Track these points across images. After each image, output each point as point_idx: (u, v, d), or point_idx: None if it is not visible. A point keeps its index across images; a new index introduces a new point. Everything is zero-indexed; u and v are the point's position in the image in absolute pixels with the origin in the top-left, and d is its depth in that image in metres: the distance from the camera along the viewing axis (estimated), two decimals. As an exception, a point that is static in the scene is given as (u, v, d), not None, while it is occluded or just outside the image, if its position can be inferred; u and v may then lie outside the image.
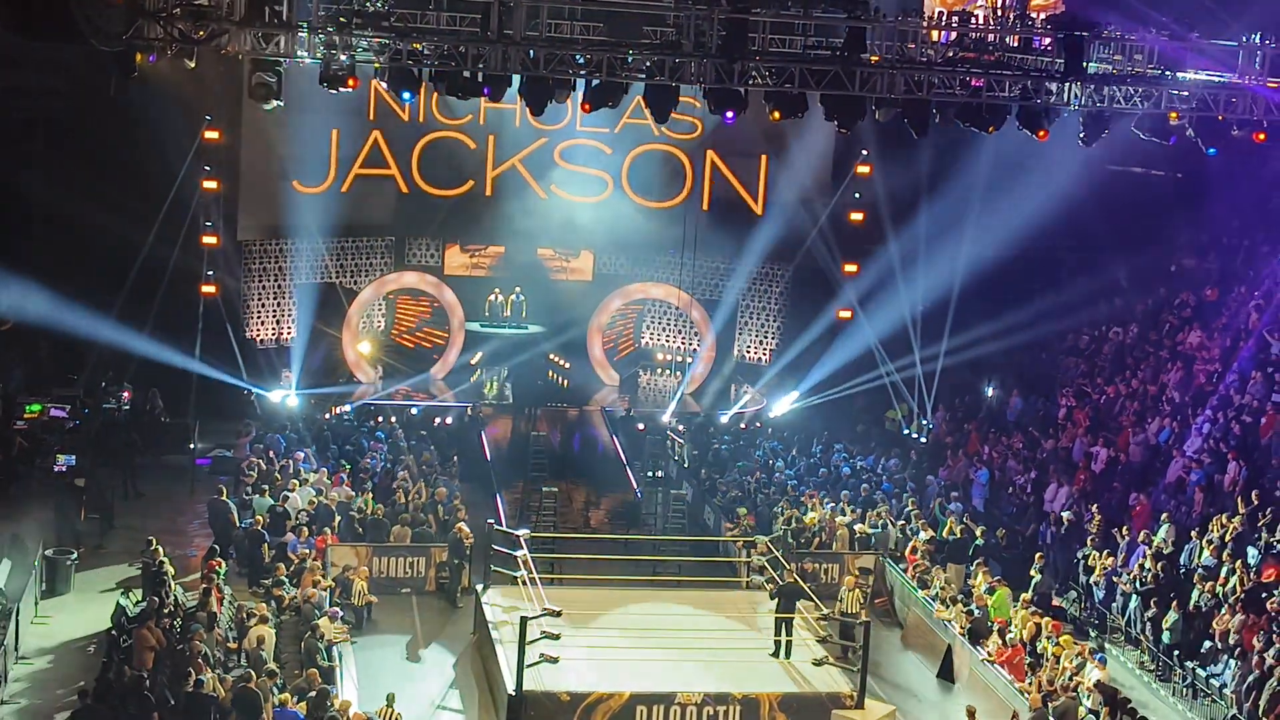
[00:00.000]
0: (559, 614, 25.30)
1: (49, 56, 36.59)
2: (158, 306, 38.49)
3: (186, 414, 38.64)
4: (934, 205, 41.24)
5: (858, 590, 28.23)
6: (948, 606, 29.26)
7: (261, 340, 42.89)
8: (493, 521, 31.34)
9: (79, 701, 23.01)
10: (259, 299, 43.29)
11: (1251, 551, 28.56)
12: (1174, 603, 28.26)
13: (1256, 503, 29.70)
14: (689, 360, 45.84)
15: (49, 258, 38.31)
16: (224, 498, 32.00)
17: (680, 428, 40.64)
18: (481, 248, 46.39)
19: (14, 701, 24.92)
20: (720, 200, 45.15)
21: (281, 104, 28.30)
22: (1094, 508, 32.50)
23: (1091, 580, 30.75)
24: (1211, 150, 30.41)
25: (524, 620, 24.52)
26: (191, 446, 37.55)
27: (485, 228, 45.33)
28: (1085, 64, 28.54)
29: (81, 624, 27.99)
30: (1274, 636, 25.70)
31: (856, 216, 42.93)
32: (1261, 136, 29.82)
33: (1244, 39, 29.02)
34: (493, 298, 46.16)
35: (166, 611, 26.07)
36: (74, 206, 37.41)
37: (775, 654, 26.64)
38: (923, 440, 40.43)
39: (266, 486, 32.68)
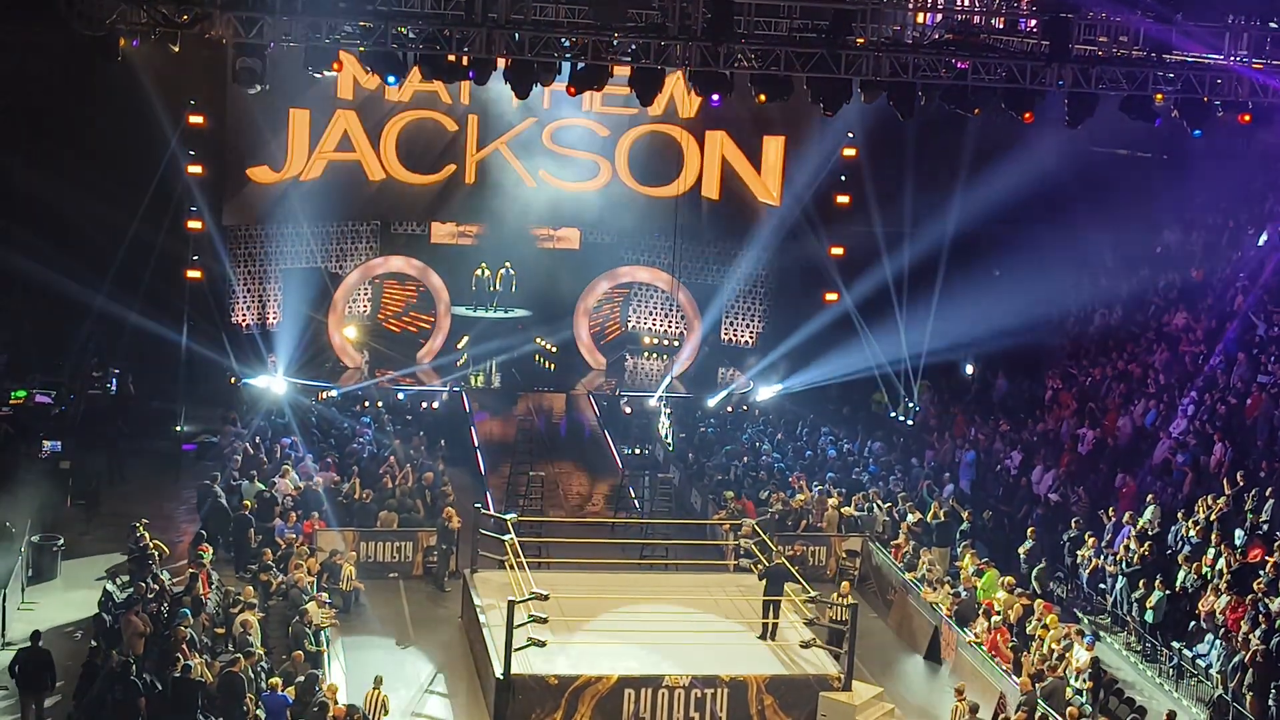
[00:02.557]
0: (546, 598, 25.31)
1: (31, 41, 36.43)
2: (144, 291, 38.41)
3: (173, 399, 38.57)
4: (918, 188, 41.26)
5: (850, 596, 27.90)
6: (935, 588, 29.33)
7: (247, 326, 42.81)
8: (480, 506, 31.33)
9: (29, 641, 23.55)
10: (244, 284, 43.20)
11: (1237, 532, 28.63)
12: (1159, 583, 28.34)
13: (1242, 484, 29.77)
14: (676, 344, 45.84)
15: (33, 243, 38.19)
16: (214, 484, 31.94)
17: (667, 410, 40.66)
18: None
19: (4, 687, 24.86)
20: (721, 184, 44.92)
21: (266, 88, 28.24)
22: (1080, 489, 32.56)
23: (1078, 561, 30.83)
24: (1197, 132, 30.41)
25: (512, 604, 24.52)
26: (178, 429, 37.46)
27: (468, 217, 45.21)
28: (1070, 46, 28.55)
29: (68, 610, 27.94)
30: (1260, 617, 25.77)
31: (842, 199, 42.90)
32: (1246, 118, 29.82)
33: (1229, 20, 29.03)
34: (479, 272, 46.07)
35: (152, 597, 26.06)
36: (58, 192, 37.31)
37: (763, 636, 26.68)
38: (909, 423, 40.48)
39: (255, 472, 32.65)
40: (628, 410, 40.93)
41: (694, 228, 44.20)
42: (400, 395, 40.80)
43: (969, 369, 41.44)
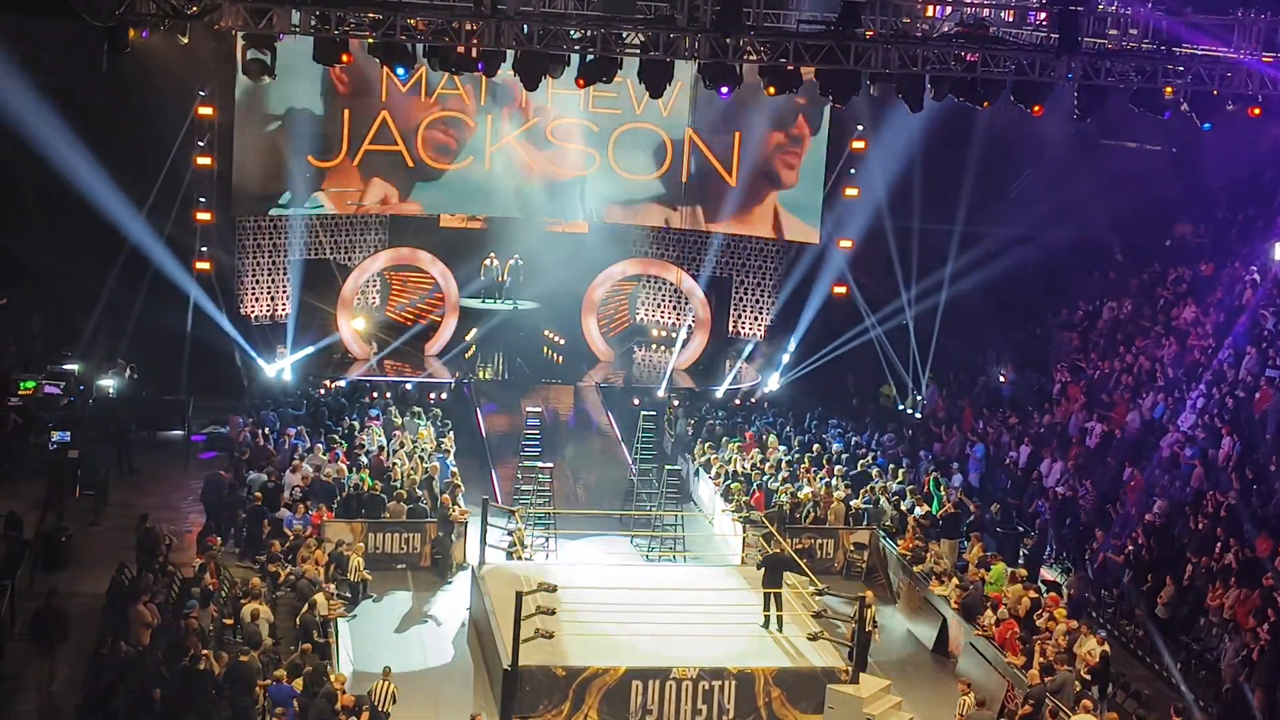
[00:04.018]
0: (554, 589, 25.33)
1: (41, 32, 36.49)
2: (152, 283, 38.46)
3: (181, 391, 38.65)
4: (928, 180, 41.28)
5: (874, 608, 27.10)
6: (943, 582, 29.32)
7: (256, 317, 42.83)
8: (488, 497, 31.34)
9: (46, 600, 24.47)
10: (253, 275, 43.20)
11: (1245, 526, 28.61)
12: (1168, 577, 28.33)
13: (1250, 477, 29.75)
14: (677, 335, 45.84)
15: (42, 234, 38.26)
16: (223, 473, 32.00)
17: (675, 402, 40.67)
18: None
19: (11, 677, 24.94)
20: (703, 173, 45.20)
21: (275, 79, 28.31)
22: (1088, 483, 32.56)
23: (1085, 555, 30.84)
24: (1206, 125, 30.42)
25: (519, 595, 24.53)
26: (181, 432, 37.50)
27: (482, 200, 45.44)
28: (1080, 39, 28.52)
29: (76, 600, 27.95)
30: (1268, 611, 25.76)
31: (851, 192, 42.88)
32: (1256, 111, 29.84)
33: (1239, 13, 29.00)
34: (488, 262, 46.09)
35: (161, 587, 26.12)
36: (67, 183, 37.36)
37: (765, 625, 26.68)
38: (917, 416, 40.49)
39: (264, 463, 32.72)
40: (635, 401, 40.92)
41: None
42: (408, 386, 40.81)
43: (1001, 377, 41.01)
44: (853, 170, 42.87)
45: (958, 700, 24.79)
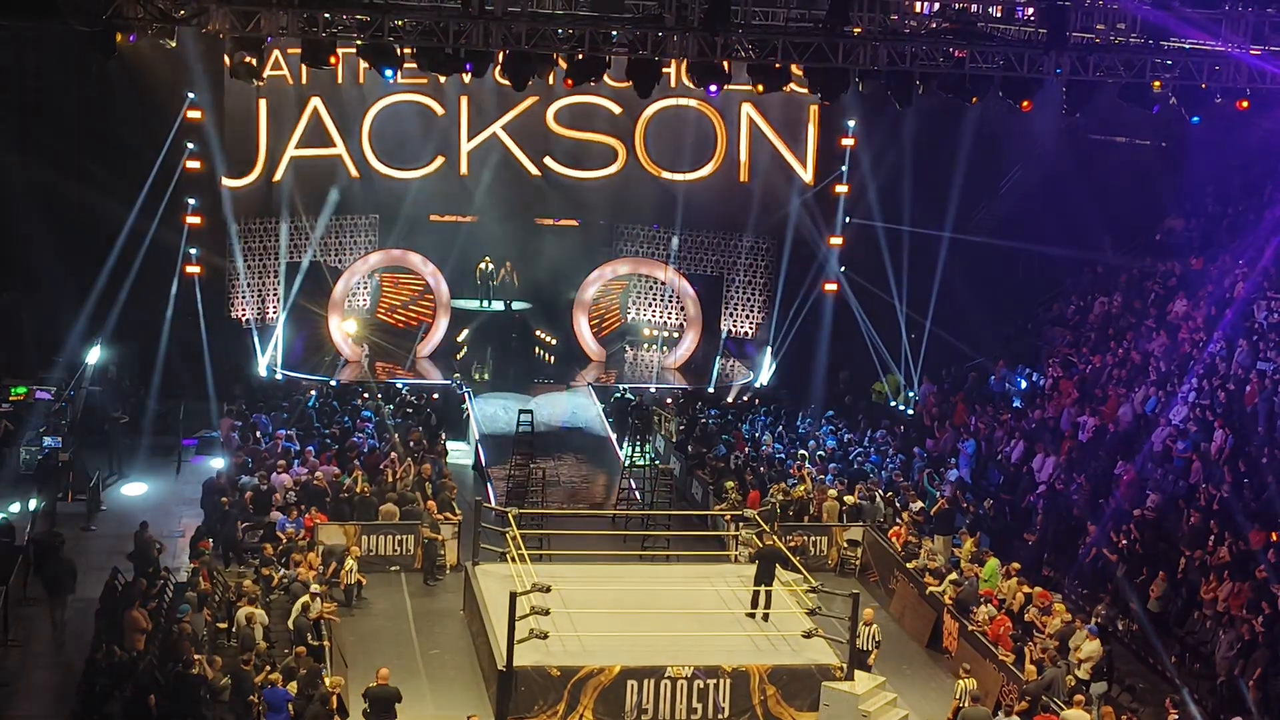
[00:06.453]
0: (548, 590, 25.32)
1: (29, 36, 36.44)
2: (142, 286, 38.41)
3: (173, 394, 38.57)
4: (918, 175, 41.32)
5: (875, 625, 26.91)
6: (936, 578, 29.32)
7: (246, 320, 42.75)
8: (481, 499, 31.32)
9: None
10: (244, 278, 43.12)
11: (1238, 519, 28.62)
12: (1161, 571, 28.33)
13: (1243, 470, 29.76)
14: (675, 335, 45.83)
15: (31, 238, 38.19)
16: (219, 479, 31.96)
17: (669, 401, 40.66)
18: None
19: (6, 684, 24.89)
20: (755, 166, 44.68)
21: (264, 82, 28.30)
22: (1081, 477, 32.56)
23: (1079, 549, 30.85)
24: (1195, 118, 30.45)
25: (514, 596, 24.52)
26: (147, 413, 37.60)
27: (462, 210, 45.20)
28: (1068, 34, 28.55)
29: (70, 605, 27.91)
30: (1262, 604, 25.78)
31: (841, 189, 42.89)
32: (1244, 104, 29.87)
33: (1226, 6, 29.01)
34: (483, 265, 46.01)
35: (155, 592, 26.08)
36: (56, 186, 37.32)
37: (751, 615, 26.73)
38: (909, 412, 40.49)
39: (255, 466, 32.64)
40: (631, 402, 40.88)
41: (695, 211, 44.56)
42: (400, 387, 40.78)
43: (1008, 384, 40.89)
44: (843, 167, 42.86)
45: (956, 685, 24.75)
